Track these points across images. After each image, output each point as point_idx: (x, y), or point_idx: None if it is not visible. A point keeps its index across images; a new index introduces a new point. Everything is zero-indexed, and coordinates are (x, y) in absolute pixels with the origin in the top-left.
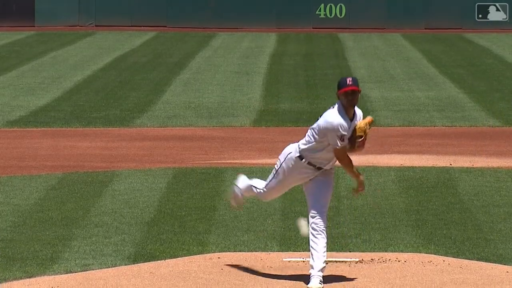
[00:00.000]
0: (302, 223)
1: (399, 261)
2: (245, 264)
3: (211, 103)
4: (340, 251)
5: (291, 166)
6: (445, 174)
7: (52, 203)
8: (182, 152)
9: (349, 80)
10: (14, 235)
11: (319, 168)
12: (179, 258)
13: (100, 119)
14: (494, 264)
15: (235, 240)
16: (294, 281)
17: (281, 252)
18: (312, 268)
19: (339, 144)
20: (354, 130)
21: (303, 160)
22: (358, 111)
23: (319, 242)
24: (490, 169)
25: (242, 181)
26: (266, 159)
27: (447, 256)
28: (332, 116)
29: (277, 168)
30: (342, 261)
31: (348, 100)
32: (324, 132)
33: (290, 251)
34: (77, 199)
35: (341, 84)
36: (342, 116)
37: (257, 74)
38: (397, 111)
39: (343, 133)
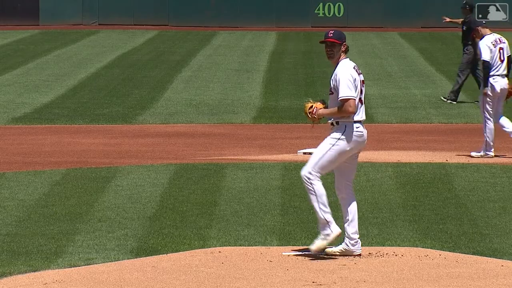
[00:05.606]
0: None
1: (396, 255)
2: (246, 258)
3: (212, 100)
4: (338, 245)
5: None
6: (441, 170)
7: (56, 198)
8: (183, 148)
9: (330, 33)
10: (19, 229)
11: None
12: (180, 252)
13: (103, 116)
14: (490, 258)
15: (236, 234)
16: (293, 275)
17: (280, 247)
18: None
19: None
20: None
21: None
22: (338, 68)
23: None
24: (485, 165)
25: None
26: (266, 155)
27: (443, 250)
28: None
29: None
30: (340, 255)
31: (325, 51)
32: None
33: (290, 245)
34: (80, 195)
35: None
36: None
37: (257, 72)
38: (394, 108)
39: None
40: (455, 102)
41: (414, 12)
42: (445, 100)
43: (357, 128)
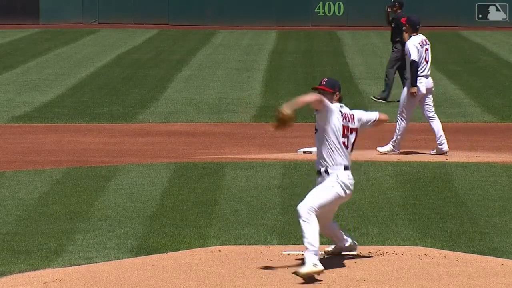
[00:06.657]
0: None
1: (396, 254)
2: (246, 257)
3: (212, 99)
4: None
5: None
6: (441, 169)
7: (56, 197)
8: (183, 147)
9: (324, 80)
10: (19, 228)
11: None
12: (180, 251)
13: (103, 115)
14: (489, 257)
15: (236, 233)
16: (293, 274)
17: (280, 245)
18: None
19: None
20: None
21: None
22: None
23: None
24: (485, 164)
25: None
26: (265, 154)
27: (443, 249)
28: None
29: None
30: (341, 254)
31: None
32: None
33: (290, 244)
34: (80, 193)
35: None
36: None
37: (257, 71)
38: (394, 107)
39: None
40: (385, 101)
41: (414, 11)
42: (375, 99)
43: (349, 176)
